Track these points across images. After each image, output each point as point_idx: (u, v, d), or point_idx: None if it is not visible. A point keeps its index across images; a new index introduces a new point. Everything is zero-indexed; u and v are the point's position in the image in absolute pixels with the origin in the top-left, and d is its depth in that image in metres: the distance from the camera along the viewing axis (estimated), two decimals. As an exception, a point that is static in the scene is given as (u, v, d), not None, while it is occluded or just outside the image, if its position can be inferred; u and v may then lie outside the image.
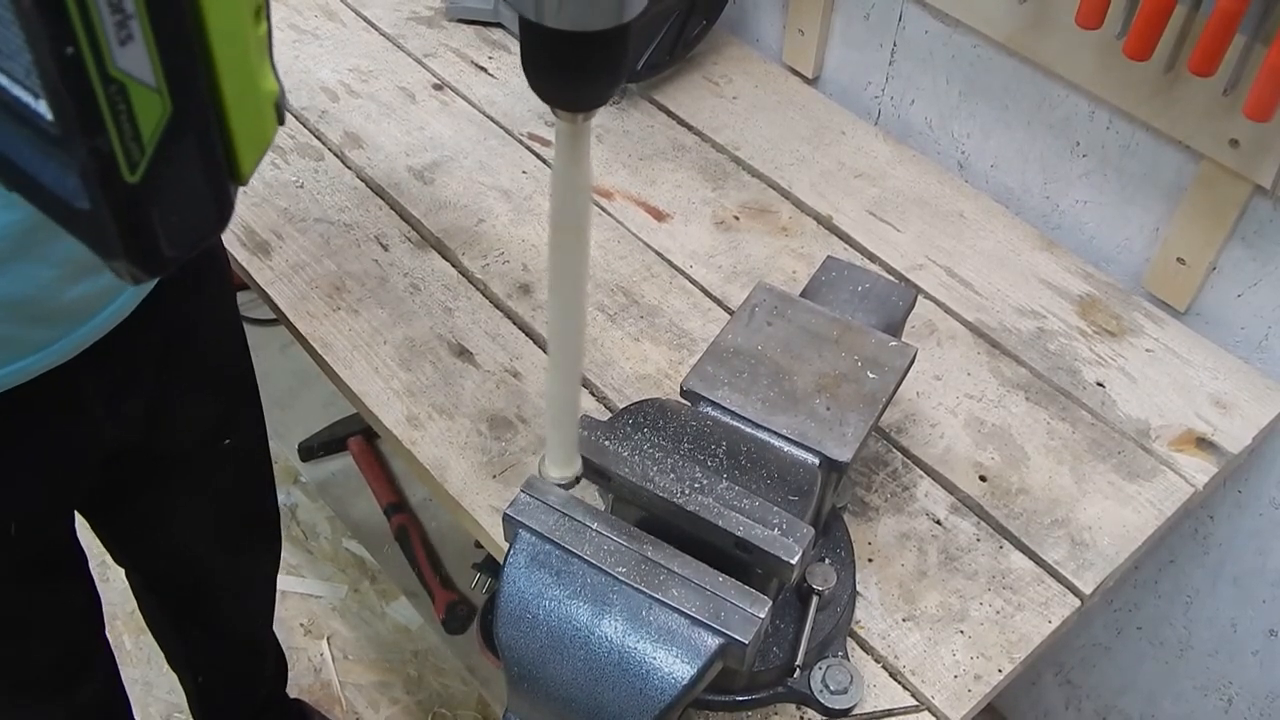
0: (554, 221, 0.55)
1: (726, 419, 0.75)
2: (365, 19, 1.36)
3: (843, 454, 0.73)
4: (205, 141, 0.32)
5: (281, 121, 0.35)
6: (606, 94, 0.50)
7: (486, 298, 1.04)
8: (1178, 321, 1.06)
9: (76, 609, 1.03)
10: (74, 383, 0.81)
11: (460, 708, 1.63)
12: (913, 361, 0.79)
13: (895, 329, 0.84)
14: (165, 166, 0.31)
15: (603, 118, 1.22)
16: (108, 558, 1.17)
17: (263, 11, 0.34)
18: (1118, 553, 0.88)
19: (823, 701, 0.77)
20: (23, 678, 1.00)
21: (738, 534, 0.66)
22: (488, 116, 1.23)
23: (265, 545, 1.27)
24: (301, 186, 1.13)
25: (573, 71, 0.48)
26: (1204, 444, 0.96)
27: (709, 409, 0.75)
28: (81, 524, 1.00)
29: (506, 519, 0.68)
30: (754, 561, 0.67)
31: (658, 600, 0.65)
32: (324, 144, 1.19)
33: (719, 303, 1.05)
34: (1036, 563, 0.87)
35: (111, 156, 0.30)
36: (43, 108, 0.29)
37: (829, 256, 0.89)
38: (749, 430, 0.74)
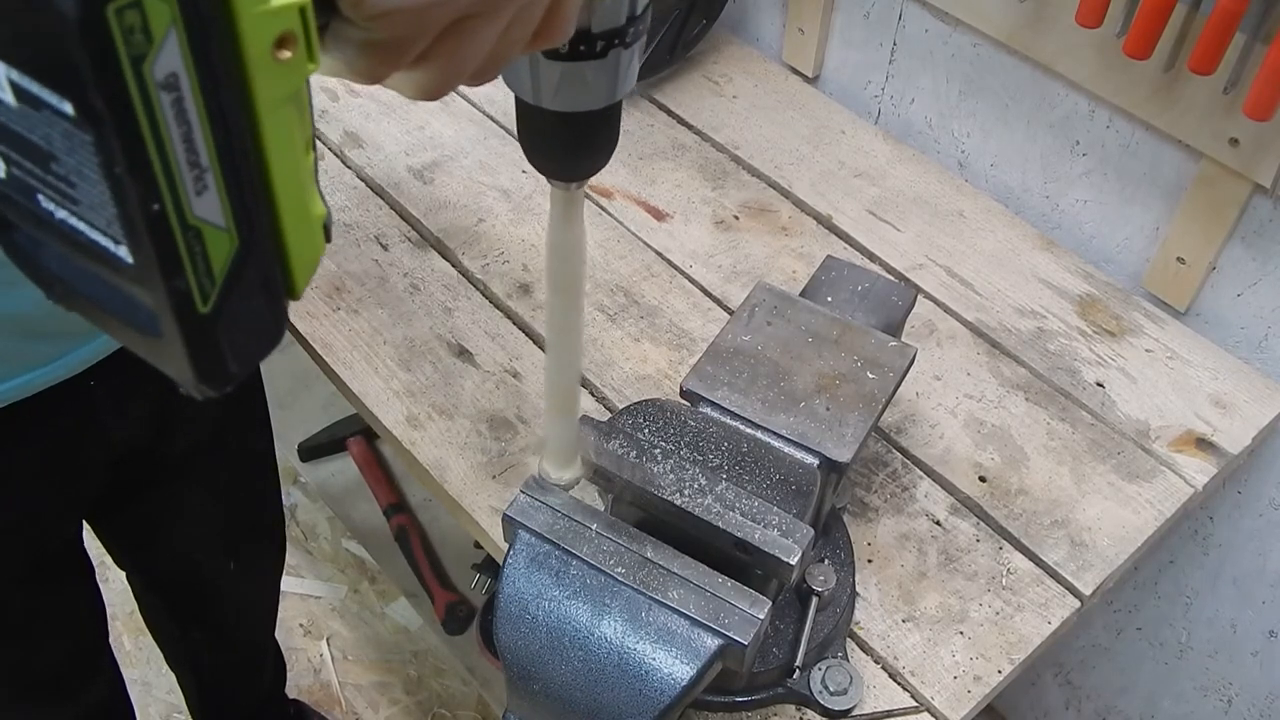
0: (549, 280, 0.58)
1: (726, 419, 0.75)
2: (365, 19, 1.36)
3: (842, 454, 0.73)
4: (266, 269, 0.35)
5: (329, 239, 0.39)
6: (599, 165, 0.53)
7: (486, 298, 1.04)
8: (1178, 321, 1.06)
9: (83, 613, 1.03)
10: (83, 389, 0.81)
11: (460, 708, 1.63)
12: (912, 362, 0.79)
13: (895, 329, 0.84)
14: (232, 295, 0.34)
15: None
16: (107, 559, 1.17)
17: (310, 142, 0.37)
18: (1117, 553, 0.88)
19: (822, 702, 0.77)
20: (28, 682, 1.00)
21: (737, 535, 0.66)
22: (488, 116, 1.23)
23: (269, 549, 1.27)
24: (301, 186, 1.13)
25: (568, 148, 0.51)
26: (1204, 444, 0.95)
27: (709, 409, 0.75)
28: (84, 526, 1.00)
29: (506, 520, 0.68)
30: (754, 562, 0.67)
31: (657, 601, 0.65)
32: (324, 143, 1.19)
33: (719, 303, 1.05)
34: (1036, 563, 0.87)
35: (188, 294, 0.33)
36: (123, 252, 0.32)
37: (829, 256, 0.89)
38: (749, 431, 0.74)
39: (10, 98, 0.30)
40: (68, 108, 0.29)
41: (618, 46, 0.47)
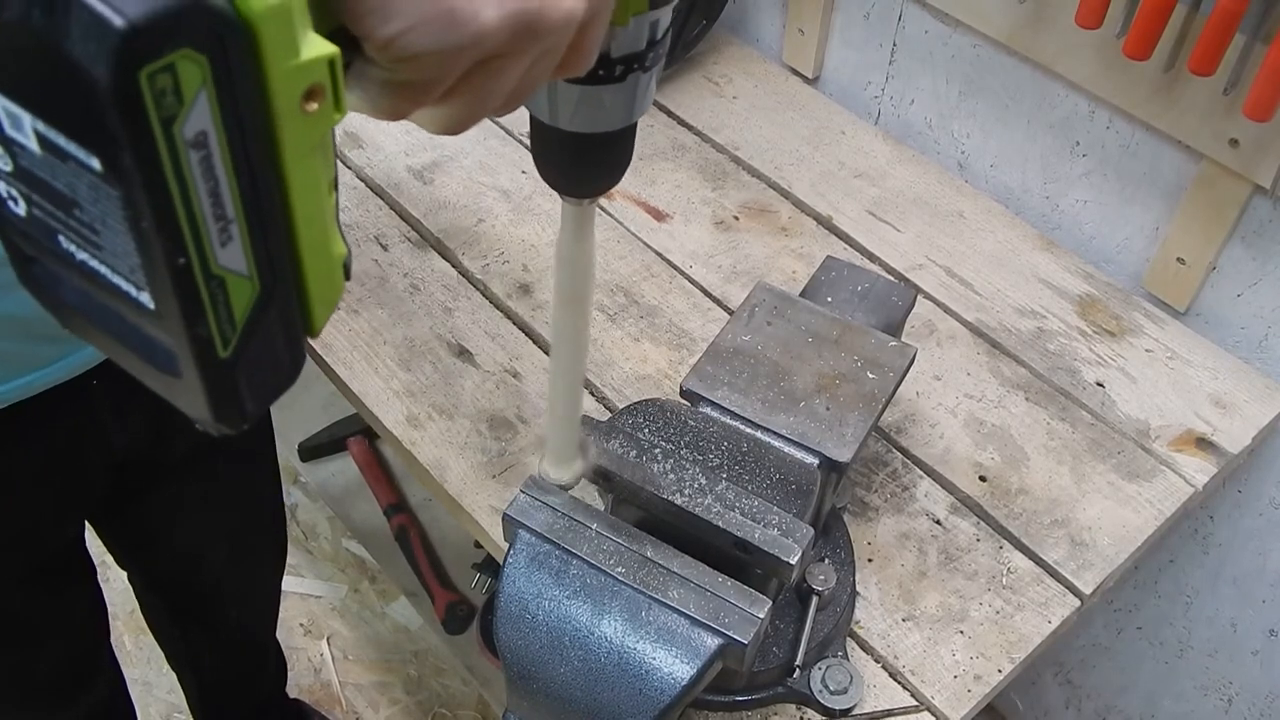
0: (558, 291, 0.58)
1: (726, 419, 0.75)
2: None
3: (842, 454, 0.73)
4: (287, 311, 0.35)
5: (348, 278, 0.39)
6: (613, 183, 0.53)
7: (486, 298, 1.04)
8: (1177, 321, 1.06)
9: (84, 615, 1.03)
10: (84, 390, 0.81)
11: (460, 708, 1.63)
12: (912, 361, 0.79)
13: (895, 329, 0.84)
14: (252, 339, 0.34)
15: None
16: (108, 559, 1.17)
17: (333, 183, 0.36)
18: (1117, 553, 0.88)
19: (822, 701, 0.77)
20: (31, 684, 1.00)
21: (737, 534, 0.66)
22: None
23: (269, 549, 1.27)
24: (301, 186, 1.13)
25: (583, 166, 0.51)
26: (1204, 444, 0.96)
27: (709, 409, 0.75)
28: (86, 528, 1.01)
29: (506, 519, 0.69)
30: (754, 562, 0.67)
31: (657, 600, 0.65)
32: (324, 144, 1.19)
33: (719, 303, 1.05)
34: (1036, 563, 0.87)
35: (209, 340, 0.33)
36: (145, 298, 0.32)
37: (829, 256, 0.89)
38: (749, 430, 0.74)
39: (34, 146, 0.30)
40: (95, 163, 0.29)
41: (636, 71, 0.47)
